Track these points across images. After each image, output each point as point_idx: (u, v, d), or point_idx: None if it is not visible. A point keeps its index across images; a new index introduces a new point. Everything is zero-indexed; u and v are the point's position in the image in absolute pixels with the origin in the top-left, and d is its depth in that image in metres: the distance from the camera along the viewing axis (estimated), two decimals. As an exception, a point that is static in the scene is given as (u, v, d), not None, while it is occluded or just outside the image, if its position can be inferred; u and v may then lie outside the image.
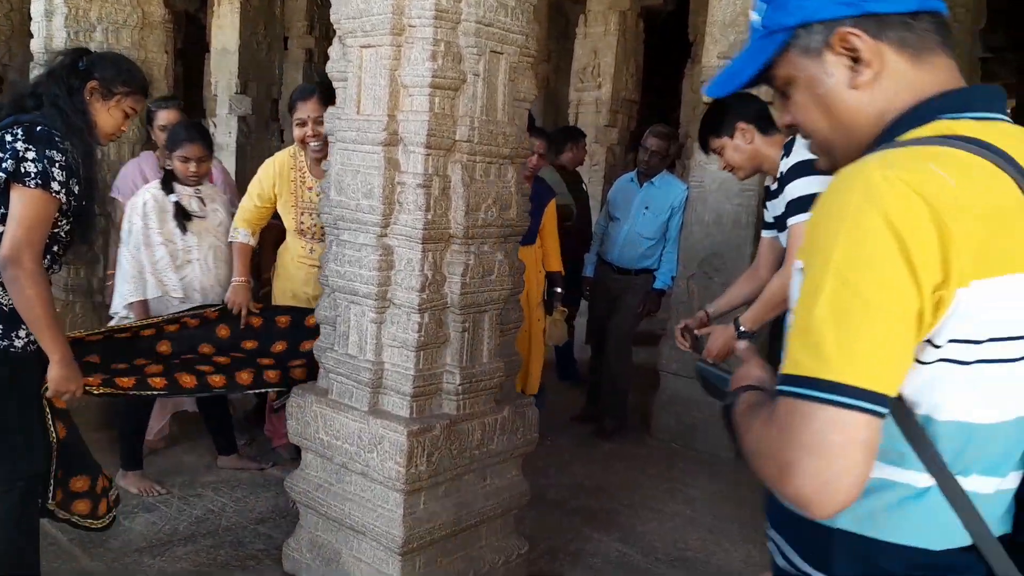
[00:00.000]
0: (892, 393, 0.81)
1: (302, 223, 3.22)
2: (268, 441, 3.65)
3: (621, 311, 4.32)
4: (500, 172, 2.36)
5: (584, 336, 4.99)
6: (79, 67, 2.11)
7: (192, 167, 3.14)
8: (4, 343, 1.98)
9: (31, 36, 3.85)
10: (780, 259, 2.49)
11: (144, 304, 3.10)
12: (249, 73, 7.09)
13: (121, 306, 3.15)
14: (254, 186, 3.23)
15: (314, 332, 2.60)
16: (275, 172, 3.19)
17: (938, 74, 0.93)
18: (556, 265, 3.91)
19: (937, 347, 0.84)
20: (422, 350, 2.25)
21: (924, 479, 0.89)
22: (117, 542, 2.73)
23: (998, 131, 0.89)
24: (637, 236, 4.30)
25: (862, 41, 0.91)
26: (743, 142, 2.45)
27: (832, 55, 0.93)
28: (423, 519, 2.24)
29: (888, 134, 0.92)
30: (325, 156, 3.14)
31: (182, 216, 3.12)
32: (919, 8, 0.91)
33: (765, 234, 2.61)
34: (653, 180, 4.35)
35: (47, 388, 2.07)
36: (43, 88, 2.08)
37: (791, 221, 2.30)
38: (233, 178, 4.21)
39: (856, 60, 0.92)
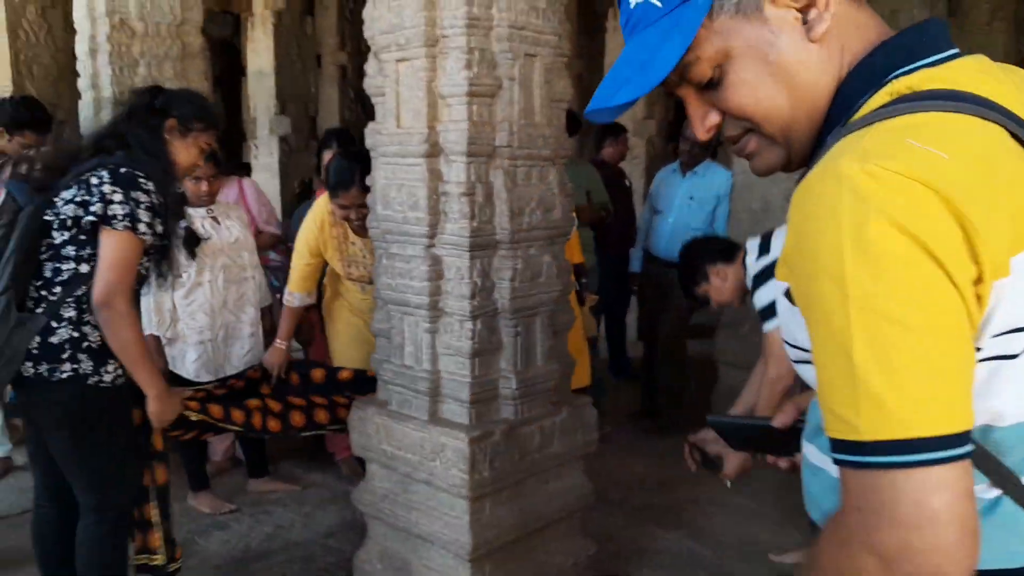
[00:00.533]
0: (972, 423, 0.67)
1: (350, 273, 3.21)
2: (331, 456, 3.70)
3: (672, 304, 4.27)
4: (542, 175, 2.35)
5: (636, 332, 4.95)
6: (156, 106, 2.16)
7: (204, 187, 3.09)
8: (94, 379, 2.03)
9: (77, 75, 3.98)
10: None
11: (155, 340, 3.04)
12: (286, 93, 7.21)
13: None
14: (302, 244, 3.16)
15: (349, 385, 2.68)
16: (318, 229, 3.13)
17: (873, 16, 0.80)
18: (578, 257, 3.89)
19: (979, 349, 0.70)
20: (477, 357, 2.26)
21: (990, 490, 0.75)
22: (194, 560, 2.81)
23: (964, 73, 0.74)
24: (684, 227, 4.24)
25: None
26: (720, 281, 2.57)
27: (774, 8, 0.77)
28: (489, 525, 2.25)
29: (839, 109, 0.78)
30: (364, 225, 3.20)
31: (191, 243, 2.98)
32: None
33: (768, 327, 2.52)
34: (696, 169, 4.29)
35: (148, 429, 2.16)
36: (123, 128, 2.13)
37: (766, 328, 2.38)
38: (276, 196, 4.24)
39: (804, 9, 0.77)
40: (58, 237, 2.03)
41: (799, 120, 0.80)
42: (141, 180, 2.03)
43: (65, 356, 1.99)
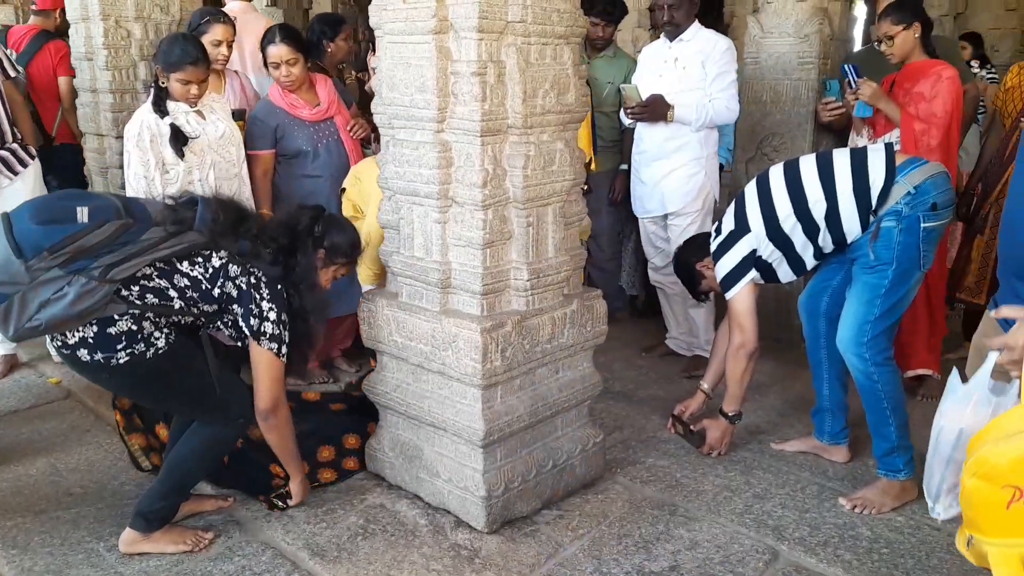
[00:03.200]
0: None
1: None
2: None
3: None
4: (556, 54, 2.24)
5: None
6: (315, 231, 2.27)
7: (193, 90, 2.93)
8: (151, 351, 2.08)
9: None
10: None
11: None
12: (277, -18, 6.88)
13: None
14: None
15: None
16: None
17: None
18: (587, 150, 3.81)
19: None
20: (488, 247, 2.22)
21: None
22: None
23: None
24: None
25: None
26: (711, 272, 2.78)
27: None
28: (501, 412, 2.27)
29: None
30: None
31: (179, 140, 2.93)
32: None
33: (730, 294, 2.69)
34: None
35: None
36: (285, 241, 2.19)
37: (728, 295, 2.66)
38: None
39: None
40: (187, 272, 2.08)
41: None
42: (287, 297, 2.17)
43: (121, 346, 2.03)
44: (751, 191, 2.63)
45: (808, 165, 2.55)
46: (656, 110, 3.40)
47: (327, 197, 3.26)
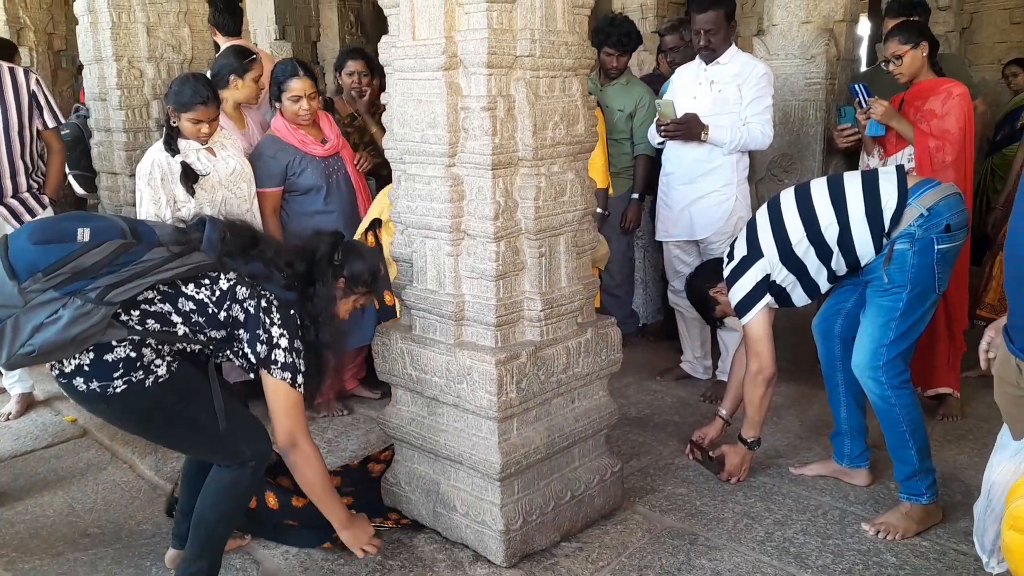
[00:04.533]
0: None
1: None
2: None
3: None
4: (565, 86, 2.26)
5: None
6: (335, 259, 2.15)
7: (204, 129, 2.97)
8: (149, 380, 1.95)
9: (72, 2, 3.84)
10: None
11: None
12: (286, 17, 6.98)
13: None
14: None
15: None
16: None
17: None
18: (602, 181, 3.83)
19: None
20: (501, 279, 2.22)
21: None
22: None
23: None
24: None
25: None
26: (724, 297, 2.79)
27: None
28: (518, 444, 2.26)
29: None
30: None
31: (189, 179, 2.95)
32: None
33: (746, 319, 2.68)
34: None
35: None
36: (300, 267, 2.09)
37: (743, 321, 2.66)
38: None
39: None
40: (192, 295, 1.96)
41: None
42: (302, 325, 2.06)
43: (118, 374, 1.90)
44: (763, 216, 2.63)
45: (819, 189, 2.55)
46: (691, 129, 3.37)
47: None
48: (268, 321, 2.00)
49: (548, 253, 2.30)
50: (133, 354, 1.90)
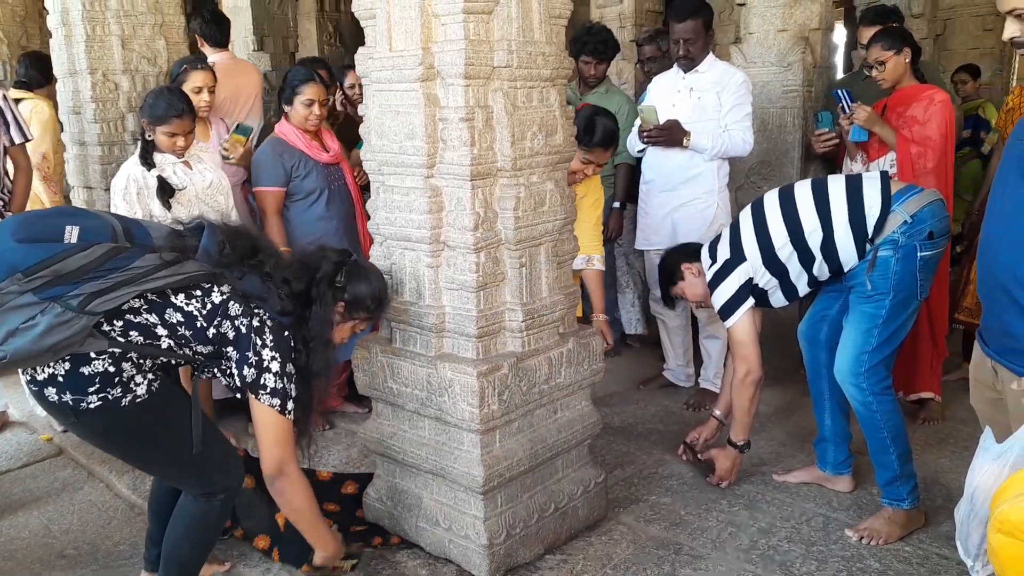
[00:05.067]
0: None
1: None
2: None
3: None
4: (543, 96, 2.26)
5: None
6: (338, 281, 2.05)
7: (180, 142, 2.93)
8: (127, 399, 1.84)
9: (46, 12, 3.80)
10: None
11: None
12: (264, 28, 6.95)
13: None
14: None
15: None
16: None
17: None
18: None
19: None
20: (482, 290, 2.20)
21: None
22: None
23: None
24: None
25: None
26: (693, 277, 2.80)
27: None
28: (500, 457, 2.24)
29: None
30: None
31: (165, 193, 2.90)
32: None
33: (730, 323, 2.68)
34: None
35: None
36: (299, 286, 1.99)
37: (727, 324, 2.65)
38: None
39: None
40: (181, 306, 1.85)
41: None
42: (295, 349, 1.97)
43: (93, 388, 1.79)
44: (746, 219, 2.63)
45: (803, 193, 2.55)
46: (673, 134, 3.39)
47: (339, 240, 3.23)
48: (260, 342, 1.88)
49: (529, 263, 2.29)
50: (112, 368, 1.79)
